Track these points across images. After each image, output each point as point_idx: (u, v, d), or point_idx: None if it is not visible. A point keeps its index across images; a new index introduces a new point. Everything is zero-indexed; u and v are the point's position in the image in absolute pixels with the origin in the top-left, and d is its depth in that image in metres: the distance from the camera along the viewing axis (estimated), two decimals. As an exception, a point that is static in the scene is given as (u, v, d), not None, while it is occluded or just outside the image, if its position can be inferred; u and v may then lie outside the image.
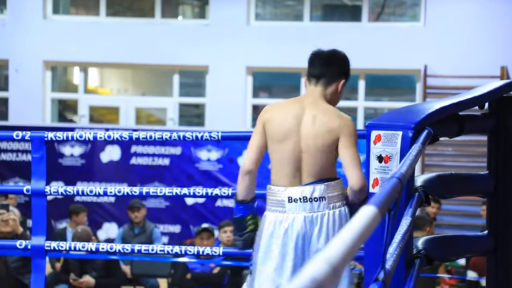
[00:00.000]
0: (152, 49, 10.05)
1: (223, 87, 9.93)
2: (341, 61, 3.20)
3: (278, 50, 9.81)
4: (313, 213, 3.04)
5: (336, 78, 3.18)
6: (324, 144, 3.07)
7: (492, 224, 3.35)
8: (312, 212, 3.04)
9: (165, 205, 8.80)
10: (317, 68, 3.18)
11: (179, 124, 10.21)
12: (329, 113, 3.11)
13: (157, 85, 11.01)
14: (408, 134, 2.97)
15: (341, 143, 3.06)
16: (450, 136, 3.31)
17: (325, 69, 3.18)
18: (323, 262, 0.83)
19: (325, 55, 3.21)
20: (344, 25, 9.86)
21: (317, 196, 3.04)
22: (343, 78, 3.17)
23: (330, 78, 3.17)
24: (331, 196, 3.05)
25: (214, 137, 3.60)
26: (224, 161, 8.73)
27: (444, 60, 9.41)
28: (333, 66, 3.18)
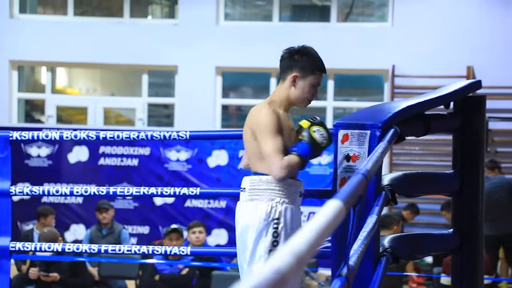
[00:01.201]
0: (121, 49, 10.00)
1: (193, 87, 9.92)
2: (292, 55, 3.14)
3: (248, 50, 9.82)
4: (239, 202, 3.10)
5: (286, 73, 3.13)
6: (246, 138, 3.09)
7: (458, 223, 3.40)
8: (239, 201, 3.11)
9: (133, 206, 8.75)
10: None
11: (148, 125, 10.16)
12: (257, 106, 3.11)
13: (126, 85, 10.95)
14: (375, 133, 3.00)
15: (257, 136, 3.03)
16: (417, 135, 3.34)
17: (280, 65, 3.17)
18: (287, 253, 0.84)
19: (283, 51, 3.20)
20: (313, 25, 9.91)
21: (242, 186, 3.08)
22: (294, 72, 3.10)
23: (282, 73, 3.16)
24: (251, 189, 3.04)
25: (182, 136, 3.59)
26: (193, 161, 8.72)
27: (412, 60, 9.51)
28: (283, 60, 3.16)
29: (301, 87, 3.12)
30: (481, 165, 3.40)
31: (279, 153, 2.98)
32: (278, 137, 3.01)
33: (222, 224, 8.62)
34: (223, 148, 8.65)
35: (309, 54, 3.14)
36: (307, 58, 3.13)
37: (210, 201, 8.63)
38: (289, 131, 3.10)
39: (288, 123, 3.12)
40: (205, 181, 8.65)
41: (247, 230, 3.03)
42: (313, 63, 3.13)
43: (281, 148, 3.00)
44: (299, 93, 3.12)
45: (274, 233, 2.99)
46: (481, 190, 3.40)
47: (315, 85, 3.13)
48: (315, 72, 3.12)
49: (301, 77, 3.11)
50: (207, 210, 8.68)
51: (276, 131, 3.01)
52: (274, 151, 2.98)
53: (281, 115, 3.08)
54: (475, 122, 3.41)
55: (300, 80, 3.11)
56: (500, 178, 7.66)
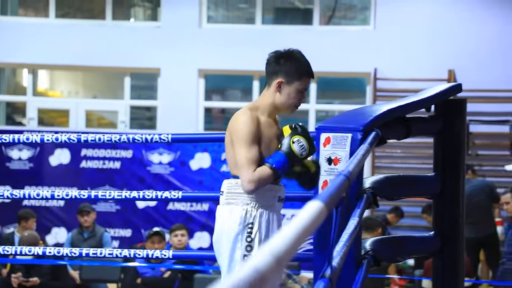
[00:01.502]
0: (103, 51, 9.96)
1: (175, 90, 9.90)
2: (277, 59, 3.06)
3: (230, 52, 9.83)
4: (218, 206, 3.08)
5: (271, 78, 3.06)
6: (226, 142, 3.05)
7: (439, 225, 3.42)
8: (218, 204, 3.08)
9: (115, 209, 8.72)
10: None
11: (131, 127, 10.13)
12: (239, 111, 3.05)
13: (108, 87, 10.91)
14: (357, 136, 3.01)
15: (233, 143, 2.98)
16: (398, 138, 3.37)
17: (265, 69, 3.11)
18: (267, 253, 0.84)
19: (268, 55, 3.13)
20: (295, 28, 9.94)
21: (222, 189, 3.06)
22: (279, 78, 3.02)
23: (268, 78, 3.08)
24: (228, 192, 3.01)
25: (164, 139, 3.59)
26: (176, 164, 8.70)
27: (394, 63, 9.56)
28: (269, 64, 3.09)
29: (286, 93, 3.04)
30: (462, 168, 3.43)
31: (250, 164, 2.91)
32: (253, 147, 2.93)
33: (204, 227, 8.61)
34: (206, 151, 8.64)
35: (295, 58, 3.07)
36: (293, 62, 3.05)
37: (192, 204, 8.62)
38: (269, 139, 3.02)
39: (269, 130, 3.03)
40: (187, 184, 8.64)
41: (221, 234, 3.00)
42: (299, 68, 3.05)
43: (255, 159, 2.92)
44: (284, 99, 3.05)
45: (248, 238, 2.95)
46: (462, 192, 3.42)
47: (302, 90, 3.06)
48: (302, 78, 3.05)
49: (287, 82, 3.03)
50: (190, 213, 8.67)
51: (251, 141, 2.93)
52: (246, 162, 2.91)
53: (262, 123, 3.01)
54: (456, 125, 3.44)
55: (286, 86, 3.03)
56: (480, 181, 7.72)
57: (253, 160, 2.92)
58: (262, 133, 2.99)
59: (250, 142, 2.93)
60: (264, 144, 2.99)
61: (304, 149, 2.95)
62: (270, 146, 3.02)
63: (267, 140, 3.01)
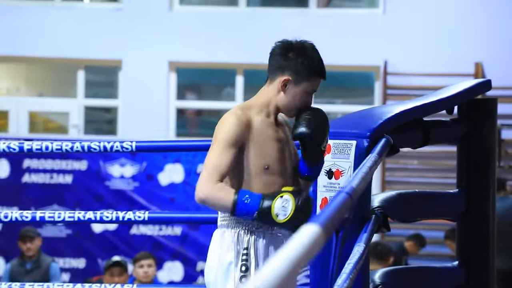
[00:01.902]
0: (50, 40, 9.94)
1: (140, 87, 9.89)
2: (286, 51, 3.07)
3: (208, 41, 9.84)
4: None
5: (275, 73, 3.07)
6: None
7: (463, 253, 3.44)
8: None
9: (66, 233, 8.69)
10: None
11: (85, 133, 10.11)
12: (230, 110, 3.10)
13: (57, 83, 10.89)
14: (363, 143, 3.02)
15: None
16: (414, 146, 3.38)
17: (269, 61, 3.12)
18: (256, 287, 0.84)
19: (275, 44, 3.14)
20: (288, 12, 9.96)
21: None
22: (286, 75, 3.04)
23: (271, 72, 3.09)
24: (221, 213, 3.06)
25: (127, 148, 3.59)
26: (141, 178, 8.69)
27: (408, 55, 9.61)
28: (274, 56, 3.09)
29: (291, 94, 3.06)
30: (491, 182, 3.45)
31: (213, 172, 2.93)
32: (227, 153, 2.95)
33: (176, 255, 8.60)
34: (178, 162, 8.63)
35: (307, 54, 3.08)
36: (305, 59, 3.07)
37: (161, 227, 8.61)
38: (264, 141, 3.05)
39: (265, 131, 3.05)
40: (155, 202, 8.62)
41: (211, 265, 3.03)
42: (311, 66, 3.07)
43: (222, 167, 2.94)
44: (288, 101, 3.06)
45: (243, 266, 2.97)
46: (492, 213, 3.44)
47: (310, 92, 3.09)
48: (312, 78, 3.08)
49: (294, 82, 3.05)
50: (158, 238, 8.65)
51: (228, 145, 2.95)
52: (210, 167, 2.94)
53: (256, 124, 3.03)
54: (484, 130, 3.46)
55: (292, 85, 3.05)
56: None
57: (218, 168, 2.94)
58: (252, 136, 3.02)
59: (226, 147, 2.96)
60: (257, 147, 3.02)
61: (285, 216, 2.92)
62: (265, 149, 3.03)
63: (261, 142, 3.03)
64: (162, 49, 9.87)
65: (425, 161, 9.54)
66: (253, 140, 3.01)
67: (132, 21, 9.89)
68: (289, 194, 2.92)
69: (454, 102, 3.39)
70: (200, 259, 8.44)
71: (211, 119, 10.62)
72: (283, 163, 3.06)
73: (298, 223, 2.86)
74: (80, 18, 10.00)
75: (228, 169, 2.95)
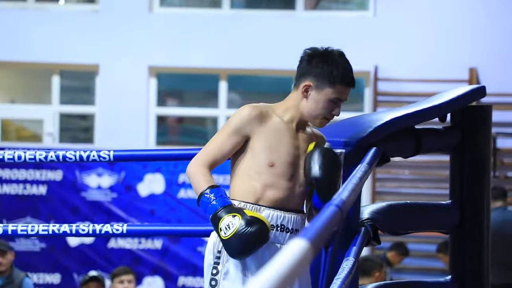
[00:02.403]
0: (23, 43, 9.92)
1: (118, 93, 9.88)
2: (311, 58, 3.20)
3: (190, 45, 9.84)
4: None
5: (300, 79, 3.20)
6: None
7: (457, 267, 3.45)
8: None
9: (40, 247, 8.66)
10: None
11: (60, 141, 10.08)
12: None
13: (31, 89, 10.86)
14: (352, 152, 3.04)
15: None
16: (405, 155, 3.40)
17: (297, 68, 3.25)
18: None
19: (304, 50, 3.27)
20: (273, 14, 9.98)
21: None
22: (307, 80, 3.16)
23: (297, 78, 3.22)
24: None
25: (105, 157, 3.58)
26: (119, 188, 8.68)
27: (399, 60, 9.64)
28: (301, 63, 3.23)
29: (314, 100, 3.16)
30: (486, 193, 3.47)
31: (205, 156, 3.12)
32: (229, 139, 3.11)
33: (156, 270, 8.59)
34: (159, 172, 8.62)
35: (331, 60, 3.19)
36: (328, 65, 3.17)
37: (141, 240, 8.59)
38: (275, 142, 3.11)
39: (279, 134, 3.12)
40: (134, 214, 8.61)
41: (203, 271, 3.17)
42: (333, 72, 3.16)
43: (218, 153, 3.12)
44: (311, 107, 3.16)
45: (213, 269, 3.08)
46: (487, 225, 3.46)
47: (334, 100, 3.15)
48: (336, 85, 3.15)
49: (315, 87, 3.16)
50: (137, 252, 8.63)
51: (232, 133, 3.11)
52: (204, 149, 3.13)
53: (272, 122, 3.13)
54: (478, 139, 3.47)
55: (314, 92, 3.16)
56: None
57: (213, 152, 3.11)
58: (264, 130, 3.11)
59: (228, 133, 3.11)
60: (265, 141, 3.10)
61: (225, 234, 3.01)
62: (274, 146, 3.11)
63: (272, 139, 3.11)
64: (141, 53, 9.86)
65: (417, 171, 9.56)
66: (262, 135, 3.11)
67: (110, 24, 9.87)
68: (243, 218, 3.00)
69: (447, 109, 3.40)
70: (181, 274, 8.42)
71: (193, 126, 10.62)
72: (294, 170, 3.12)
73: (234, 250, 2.99)
74: (55, 21, 9.98)
75: (222, 155, 3.12)
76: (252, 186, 3.09)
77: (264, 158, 3.08)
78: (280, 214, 3.11)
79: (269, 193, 3.09)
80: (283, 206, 3.12)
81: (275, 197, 3.11)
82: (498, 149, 9.27)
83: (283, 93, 11.40)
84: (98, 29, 9.89)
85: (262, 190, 3.08)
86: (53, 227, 3.66)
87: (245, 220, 2.99)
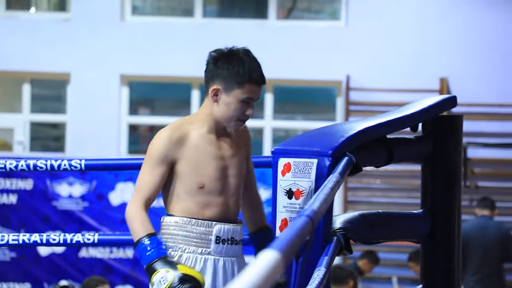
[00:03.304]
0: (-6, 51, 9.87)
1: (90, 101, 9.85)
2: (216, 60, 3.15)
3: (162, 54, 9.83)
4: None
5: (208, 83, 3.17)
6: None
7: (428, 276, 3.46)
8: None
9: (10, 257, 8.61)
10: None
11: (31, 150, 10.03)
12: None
13: (1, 98, 10.80)
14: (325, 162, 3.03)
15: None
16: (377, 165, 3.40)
17: (204, 72, 3.22)
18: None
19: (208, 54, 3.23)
20: (246, 23, 9.99)
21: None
22: (216, 84, 3.11)
23: (205, 84, 3.19)
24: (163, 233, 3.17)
25: (76, 166, 3.58)
26: (91, 197, 8.65)
27: (371, 70, 9.68)
28: (207, 67, 3.20)
29: (225, 103, 3.11)
30: (457, 202, 3.48)
31: (140, 191, 3.08)
32: (156, 171, 3.07)
33: (128, 279, 8.56)
34: (130, 181, 8.60)
35: (237, 59, 3.13)
36: (234, 65, 3.11)
37: (112, 249, 8.56)
38: (201, 159, 3.09)
39: (204, 148, 3.10)
40: (106, 223, 8.58)
41: None
42: (239, 72, 3.10)
43: (150, 187, 3.07)
44: (223, 111, 3.12)
45: None
46: (458, 234, 3.47)
47: (246, 100, 3.11)
48: (244, 85, 3.10)
49: (224, 90, 3.11)
50: (109, 261, 8.60)
51: (157, 163, 3.07)
52: (138, 186, 3.10)
53: (194, 139, 3.09)
54: (450, 149, 3.49)
55: (224, 95, 3.11)
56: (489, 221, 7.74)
57: (144, 188, 3.08)
58: (187, 152, 3.07)
59: (154, 165, 3.07)
60: (190, 164, 3.07)
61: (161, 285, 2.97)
62: (201, 166, 3.08)
63: (196, 159, 3.08)
64: (113, 61, 9.83)
65: (389, 180, 9.60)
66: (187, 157, 3.07)
67: (81, 32, 9.84)
68: (176, 275, 2.95)
69: (419, 119, 3.41)
70: (153, 283, 8.40)
71: (165, 135, 10.60)
72: (224, 182, 3.12)
73: None
74: (25, 29, 9.93)
75: (156, 189, 3.08)
76: (186, 206, 3.08)
77: (193, 181, 3.07)
78: (230, 227, 3.11)
79: (206, 212, 3.08)
80: (226, 219, 3.11)
81: (213, 213, 3.09)
82: (469, 159, 9.32)
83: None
84: (70, 37, 9.86)
85: (198, 209, 3.08)
86: (23, 237, 3.64)
87: (178, 278, 2.93)
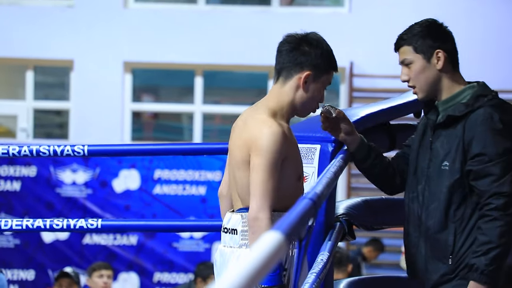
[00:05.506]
0: (-3, 38, 9.88)
1: (93, 88, 9.85)
2: (299, 45, 2.96)
3: (165, 41, 9.82)
4: (225, 247, 2.94)
5: (292, 70, 2.94)
6: (239, 160, 2.90)
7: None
8: (225, 245, 2.94)
9: (14, 243, 8.63)
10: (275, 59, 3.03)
11: (34, 137, 10.04)
12: (256, 117, 2.91)
13: (5, 84, 10.81)
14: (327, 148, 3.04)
15: (251, 161, 2.85)
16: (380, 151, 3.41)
17: (280, 58, 2.99)
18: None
19: (280, 41, 3.04)
20: (249, 10, 9.98)
21: (230, 226, 2.92)
22: (306, 70, 2.91)
23: (285, 71, 2.95)
24: (244, 230, 2.88)
25: (79, 152, 3.57)
26: (94, 184, 8.65)
27: (374, 56, 9.67)
28: (288, 53, 2.96)
29: (312, 91, 2.94)
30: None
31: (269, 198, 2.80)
32: (277, 173, 2.82)
33: (132, 266, 8.57)
34: (134, 167, 8.61)
35: (323, 45, 2.98)
36: (321, 51, 2.96)
37: (116, 236, 8.58)
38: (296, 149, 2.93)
39: (295, 143, 2.94)
40: (109, 210, 8.59)
41: None
42: (329, 58, 2.97)
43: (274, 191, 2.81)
44: (307, 98, 2.94)
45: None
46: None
47: (325, 87, 3.00)
48: (329, 71, 2.98)
49: (314, 77, 2.95)
50: (112, 248, 8.62)
51: (277, 165, 2.82)
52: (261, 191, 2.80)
53: (288, 133, 2.90)
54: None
55: (313, 82, 2.95)
56: None
57: (271, 193, 2.81)
58: (290, 147, 2.89)
59: (275, 168, 2.82)
60: (294, 158, 2.90)
61: None
62: (298, 158, 2.93)
63: (295, 152, 2.92)
64: (116, 48, 9.83)
65: (392, 167, 9.60)
66: (291, 151, 2.89)
67: (85, 19, 9.84)
68: None
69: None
70: (157, 269, 8.41)
71: (168, 122, 10.60)
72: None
73: None
74: (29, 16, 9.92)
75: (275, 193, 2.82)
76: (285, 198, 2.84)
77: (295, 173, 2.89)
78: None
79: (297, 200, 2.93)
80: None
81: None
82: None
83: (258, 88, 11.40)
84: (73, 24, 9.85)
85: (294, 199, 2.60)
86: (27, 222, 3.64)
87: None
